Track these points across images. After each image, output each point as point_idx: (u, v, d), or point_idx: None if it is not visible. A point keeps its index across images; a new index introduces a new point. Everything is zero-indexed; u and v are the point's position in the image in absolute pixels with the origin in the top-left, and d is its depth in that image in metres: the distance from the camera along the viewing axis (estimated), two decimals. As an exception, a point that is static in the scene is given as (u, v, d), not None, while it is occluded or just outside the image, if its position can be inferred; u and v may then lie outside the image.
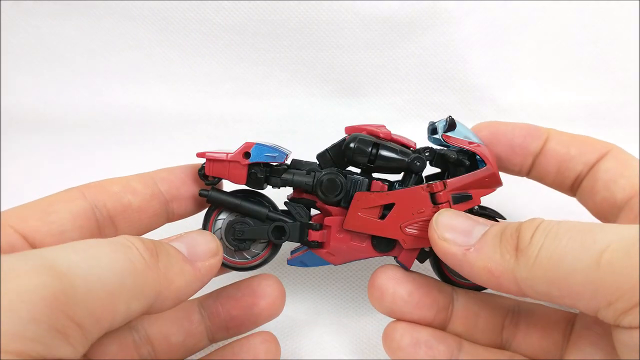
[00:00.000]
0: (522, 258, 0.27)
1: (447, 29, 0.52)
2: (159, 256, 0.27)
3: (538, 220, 0.28)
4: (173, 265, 0.28)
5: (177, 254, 0.29)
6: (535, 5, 0.53)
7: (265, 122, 0.54)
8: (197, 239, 0.31)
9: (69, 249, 0.24)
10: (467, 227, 0.31)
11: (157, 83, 0.55)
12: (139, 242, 0.27)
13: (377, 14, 0.51)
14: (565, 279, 0.25)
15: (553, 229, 0.27)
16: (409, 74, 0.53)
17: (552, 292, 0.26)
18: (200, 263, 0.30)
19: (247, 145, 0.34)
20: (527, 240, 0.27)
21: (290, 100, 0.54)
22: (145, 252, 0.26)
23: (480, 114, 0.53)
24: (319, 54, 0.53)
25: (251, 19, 0.52)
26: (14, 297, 0.20)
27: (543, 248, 0.26)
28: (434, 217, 0.32)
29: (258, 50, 0.53)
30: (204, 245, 0.31)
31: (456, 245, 0.30)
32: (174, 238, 0.31)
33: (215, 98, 0.55)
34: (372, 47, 0.52)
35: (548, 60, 0.54)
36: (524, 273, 0.27)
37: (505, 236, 0.29)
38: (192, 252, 0.30)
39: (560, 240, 0.26)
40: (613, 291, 0.24)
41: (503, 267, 0.28)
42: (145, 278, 0.26)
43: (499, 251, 0.28)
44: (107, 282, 0.23)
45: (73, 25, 0.54)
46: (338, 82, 0.54)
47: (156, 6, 0.53)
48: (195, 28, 0.53)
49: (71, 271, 0.22)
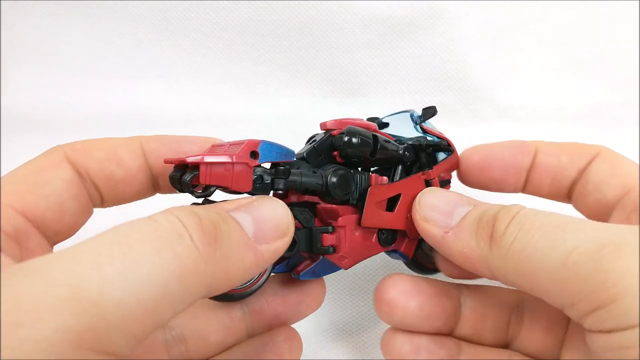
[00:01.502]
0: (495, 248, 0.27)
1: (447, 29, 0.52)
2: (218, 242, 0.23)
3: (515, 209, 0.28)
4: (233, 253, 0.23)
5: (239, 236, 0.24)
6: (535, 5, 0.53)
7: (265, 122, 0.54)
8: (267, 211, 0.26)
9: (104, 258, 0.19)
10: (449, 208, 0.31)
11: (157, 83, 0.55)
12: (195, 226, 0.22)
13: (377, 14, 0.51)
14: (534, 274, 0.26)
15: (527, 222, 0.26)
16: (409, 74, 0.53)
17: (523, 284, 0.27)
18: (265, 246, 0.25)
19: (253, 143, 0.28)
20: (502, 231, 0.27)
21: (290, 100, 0.54)
22: (202, 240, 0.22)
23: (480, 114, 0.53)
24: (319, 54, 0.53)
25: (251, 19, 0.52)
26: (30, 347, 0.17)
27: (516, 241, 0.26)
28: (417, 196, 0.32)
29: (258, 50, 0.53)
30: (273, 220, 0.26)
31: (436, 226, 0.30)
32: (241, 205, 0.26)
33: (215, 98, 0.55)
34: (372, 47, 0.52)
35: (548, 60, 0.54)
36: (497, 262, 0.27)
37: (482, 223, 0.29)
38: (259, 230, 0.25)
39: (533, 236, 0.26)
40: (576, 293, 0.24)
41: (477, 254, 0.28)
42: (196, 276, 0.21)
43: (475, 238, 0.28)
44: (148, 298, 0.19)
45: (73, 25, 0.54)
46: (338, 82, 0.54)
47: (156, 6, 0.53)
48: (195, 28, 0.53)
49: (103, 297, 0.18)
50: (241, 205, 0.26)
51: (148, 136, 0.32)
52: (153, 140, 0.31)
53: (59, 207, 0.28)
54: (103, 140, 0.31)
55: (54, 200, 0.28)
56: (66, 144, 0.30)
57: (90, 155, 0.30)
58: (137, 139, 0.31)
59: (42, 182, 0.28)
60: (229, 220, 0.24)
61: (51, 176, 0.28)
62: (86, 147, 0.30)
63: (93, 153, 0.30)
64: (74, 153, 0.29)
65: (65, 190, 0.28)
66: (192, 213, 0.22)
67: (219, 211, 0.24)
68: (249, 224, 0.25)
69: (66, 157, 0.29)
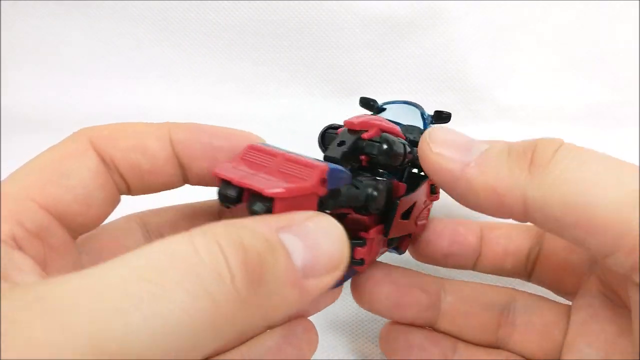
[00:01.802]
0: (538, 175, 0.23)
1: (447, 29, 0.52)
2: (261, 282, 0.19)
3: (557, 140, 0.25)
4: (276, 292, 0.20)
5: (286, 273, 0.20)
6: (535, 6, 0.53)
7: (265, 122, 0.54)
8: (323, 238, 0.22)
9: (131, 299, 0.16)
10: (465, 143, 0.27)
11: (157, 83, 0.55)
12: (239, 264, 0.18)
13: (377, 14, 0.51)
14: (588, 209, 0.22)
15: (581, 153, 0.23)
16: (409, 74, 0.53)
17: (566, 219, 0.23)
18: (313, 281, 0.21)
19: (322, 170, 0.24)
20: (548, 158, 0.24)
21: (290, 100, 0.54)
22: (244, 281, 0.18)
23: (480, 114, 0.53)
24: (319, 54, 0.53)
25: (251, 19, 0.52)
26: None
27: (568, 169, 0.23)
28: (425, 132, 0.28)
29: (258, 50, 0.53)
30: (328, 252, 0.22)
31: (453, 160, 0.26)
32: (294, 223, 0.21)
33: (215, 98, 0.55)
34: (372, 47, 0.52)
35: (548, 60, 0.54)
36: (538, 192, 0.23)
37: (516, 151, 0.25)
38: (310, 262, 0.21)
39: (591, 166, 0.23)
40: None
41: (511, 183, 0.24)
42: (231, 323, 0.18)
43: (507, 166, 0.25)
44: (174, 348, 0.17)
45: (73, 25, 0.54)
46: (338, 82, 0.54)
47: (156, 6, 0.53)
48: (195, 28, 0.53)
49: (125, 349, 0.16)
50: (294, 223, 0.21)
51: (179, 124, 0.29)
52: (182, 130, 0.28)
53: (85, 199, 0.26)
54: (130, 126, 0.28)
55: (80, 192, 0.25)
56: (91, 129, 0.27)
57: (116, 142, 0.27)
58: (166, 127, 0.28)
59: (66, 171, 0.25)
60: (278, 251, 0.20)
61: (76, 165, 0.26)
62: (112, 134, 0.27)
63: (119, 141, 0.27)
64: (99, 140, 0.27)
65: (91, 180, 0.26)
66: (237, 244, 0.19)
67: (268, 234, 0.20)
68: (299, 253, 0.21)
69: (92, 143, 0.27)
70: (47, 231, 0.24)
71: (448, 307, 0.34)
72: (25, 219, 0.23)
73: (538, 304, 0.34)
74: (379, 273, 0.33)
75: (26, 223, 0.23)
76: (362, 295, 0.33)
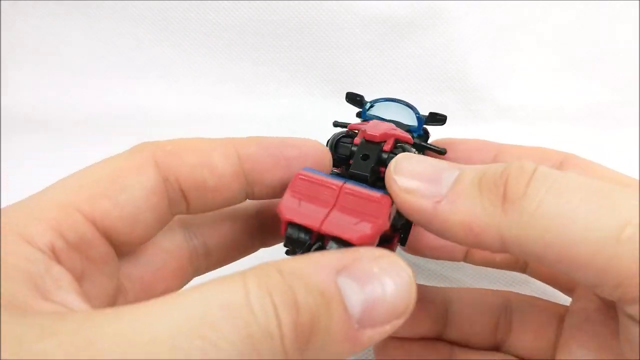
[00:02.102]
0: (512, 213, 0.22)
1: (447, 29, 0.52)
2: (311, 342, 0.18)
3: (529, 166, 0.23)
4: (326, 351, 0.18)
5: (340, 328, 0.19)
6: (535, 6, 0.53)
7: (265, 122, 0.54)
8: (388, 285, 0.20)
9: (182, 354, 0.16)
10: (434, 173, 0.24)
11: (157, 83, 0.55)
12: (290, 324, 0.17)
13: (377, 14, 0.51)
14: (570, 247, 0.21)
15: (556, 182, 0.22)
16: (409, 74, 0.53)
17: (547, 256, 0.22)
18: (370, 332, 0.19)
19: (387, 204, 0.24)
20: (521, 191, 0.22)
21: (290, 100, 0.54)
22: (294, 343, 0.17)
23: (480, 114, 0.53)
24: (319, 54, 0.53)
25: (251, 19, 0.52)
26: None
27: (544, 204, 0.21)
28: (390, 163, 0.25)
29: (258, 50, 0.53)
30: (390, 296, 0.20)
31: (423, 197, 0.24)
32: (355, 266, 0.20)
33: (215, 98, 0.55)
34: (372, 47, 0.52)
35: (548, 60, 0.54)
36: (514, 230, 0.22)
37: (487, 183, 0.23)
38: (369, 313, 0.19)
39: (569, 200, 0.21)
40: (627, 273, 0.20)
41: (485, 221, 0.22)
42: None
43: (480, 202, 0.23)
44: None
45: (73, 25, 0.54)
46: (338, 82, 0.54)
47: (156, 6, 0.53)
48: (196, 28, 0.53)
49: None
50: (357, 265, 0.20)
51: (244, 139, 0.28)
52: (251, 144, 0.28)
53: (132, 219, 0.24)
54: (195, 141, 0.27)
55: (129, 210, 0.24)
56: (154, 143, 0.26)
57: (181, 159, 0.26)
58: (232, 142, 0.27)
59: (121, 187, 0.24)
60: (333, 304, 0.18)
61: (132, 181, 0.25)
62: (177, 150, 0.26)
63: (184, 157, 0.26)
64: (163, 155, 0.26)
65: (144, 199, 0.25)
66: (291, 302, 0.18)
67: (324, 287, 0.19)
68: (357, 301, 0.19)
69: (154, 159, 0.26)
70: (89, 244, 0.24)
71: (454, 316, 0.33)
72: (67, 230, 0.22)
73: (533, 305, 0.34)
74: None
75: (68, 234, 0.22)
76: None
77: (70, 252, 0.22)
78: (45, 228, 0.22)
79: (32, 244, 0.21)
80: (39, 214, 0.22)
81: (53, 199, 0.23)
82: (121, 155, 0.26)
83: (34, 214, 0.22)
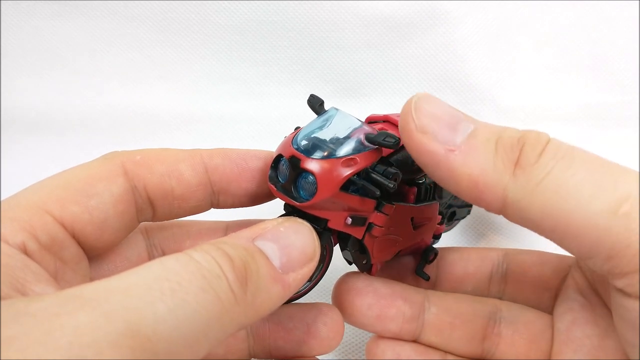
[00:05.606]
0: (521, 177, 0.23)
1: (447, 29, 0.52)
2: (248, 283, 0.22)
3: (544, 135, 0.24)
4: (262, 290, 0.23)
5: (267, 271, 0.23)
6: (535, 5, 0.53)
7: (265, 122, 0.54)
8: (293, 237, 0.25)
9: (156, 293, 0.19)
10: (451, 120, 0.25)
11: (157, 83, 0.55)
12: (229, 269, 0.22)
13: (377, 14, 0.51)
14: (569, 216, 0.22)
15: (567, 155, 0.23)
16: (409, 74, 0.53)
17: (544, 224, 0.23)
18: (292, 275, 0.24)
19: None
20: (533, 159, 0.23)
21: (290, 100, 0.54)
22: (235, 282, 0.22)
23: (480, 114, 0.53)
24: (319, 54, 0.53)
25: (251, 19, 0.52)
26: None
27: (552, 174, 0.22)
28: (411, 100, 0.26)
29: (258, 50, 0.53)
30: (300, 246, 0.25)
31: (437, 142, 0.24)
32: (267, 231, 0.25)
33: (215, 98, 0.55)
34: (372, 47, 0.52)
35: (548, 60, 0.54)
36: (519, 194, 0.23)
37: (504, 145, 0.24)
38: (286, 259, 0.24)
39: (574, 173, 0.22)
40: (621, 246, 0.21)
41: (493, 180, 0.23)
42: (231, 317, 0.21)
43: (492, 161, 0.24)
44: (192, 335, 0.20)
45: (73, 26, 0.54)
46: (338, 82, 0.54)
47: (156, 6, 0.53)
48: (196, 28, 0.53)
49: (156, 334, 0.18)
50: (267, 231, 0.25)
51: (211, 150, 0.30)
52: (217, 155, 0.30)
53: (100, 224, 0.26)
54: (163, 151, 0.29)
55: (97, 215, 0.26)
56: (124, 153, 0.28)
57: (150, 168, 0.28)
58: (199, 153, 0.29)
59: (91, 193, 0.26)
60: (257, 256, 0.24)
61: (102, 188, 0.26)
62: (146, 160, 0.28)
63: (153, 166, 0.28)
64: (132, 165, 0.28)
65: (112, 206, 0.26)
66: (224, 254, 0.22)
67: (246, 245, 0.24)
68: (275, 254, 0.24)
69: (123, 168, 0.27)
70: (61, 245, 0.25)
71: (432, 318, 0.33)
72: (39, 231, 0.24)
73: (523, 314, 0.33)
74: (360, 284, 0.32)
75: (40, 235, 0.24)
76: (344, 307, 0.32)
77: (43, 252, 0.24)
78: (17, 229, 0.23)
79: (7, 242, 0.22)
80: (11, 215, 0.23)
81: (25, 201, 0.24)
82: (93, 162, 0.28)
83: (6, 215, 0.23)
